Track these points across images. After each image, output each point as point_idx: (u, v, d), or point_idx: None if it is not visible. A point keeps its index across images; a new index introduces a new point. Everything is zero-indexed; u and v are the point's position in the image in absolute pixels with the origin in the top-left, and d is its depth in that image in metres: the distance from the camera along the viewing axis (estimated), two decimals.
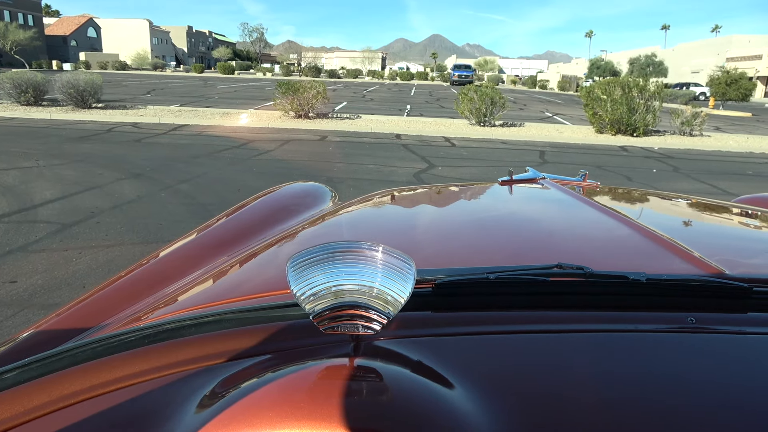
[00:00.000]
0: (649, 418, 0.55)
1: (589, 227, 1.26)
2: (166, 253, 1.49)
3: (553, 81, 54.49)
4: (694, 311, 0.73)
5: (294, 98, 13.08)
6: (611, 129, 12.55)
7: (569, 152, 10.43)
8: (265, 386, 0.55)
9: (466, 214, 1.58)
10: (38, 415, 0.58)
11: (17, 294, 3.28)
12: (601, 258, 1.02)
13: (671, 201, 1.82)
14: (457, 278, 0.75)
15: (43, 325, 1.08)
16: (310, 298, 0.58)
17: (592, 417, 0.55)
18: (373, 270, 0.58)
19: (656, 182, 7.66)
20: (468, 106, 13.35)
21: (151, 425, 0.55)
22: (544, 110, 21.08)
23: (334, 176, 7.15)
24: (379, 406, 0.53)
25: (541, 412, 0.55)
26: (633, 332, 0.70)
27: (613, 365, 0.64)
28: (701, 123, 13.08)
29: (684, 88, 38.03)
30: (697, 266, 0.90)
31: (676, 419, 0.55)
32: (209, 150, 8.92)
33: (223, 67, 52.31)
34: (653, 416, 0.55)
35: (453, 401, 0.54)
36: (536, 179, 1.79)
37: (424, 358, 0.62)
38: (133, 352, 0.65)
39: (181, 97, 20.01)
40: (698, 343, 0.69)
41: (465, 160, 9.04)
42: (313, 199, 1.98)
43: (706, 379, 0.62)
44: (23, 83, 13.86)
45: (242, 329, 0.68)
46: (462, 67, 48.27)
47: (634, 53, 58.11)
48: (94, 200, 5.53)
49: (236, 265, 1.23)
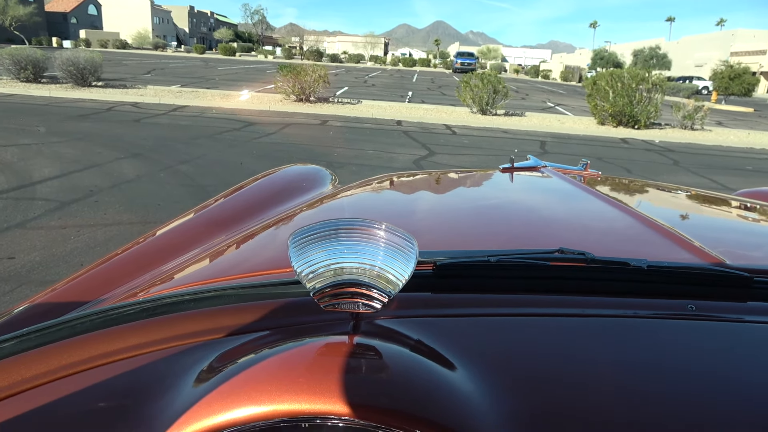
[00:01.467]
0: (647, 402, 0.55)
1: (591, 216, 1.26)
2: (164, 230, 1.48)
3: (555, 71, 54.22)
4: (694, 299, 0.73)
5: (295, 82, 12.99)
6: (613, 121, 12.51)
7: (570, 143, 10.40)
8: (264, 361, 0.55)
9: (466, 201, 1.58)
10: (36, 385, 0.58)
11: (15, 270, 3.28)
12: (602, 245, 1.02)
13: (672, 192, 1.82)
14: (458, 260, 0.75)
15: (39, 299, 1.08)
16: (311, 276, 0.58)
17: (590, 400, 0.55)
18: (375, 248, 0.58)
19: (656, 175, 7.65)
20: (470, 94, 13.27)
21: (149, 397, 0.55)
22: (546, 100, 20.99)
23: (334, 161, 7.12)
24: (377, 383, 0.53)
25: (541, 394, 0.56)
26: (633, 318, 0.70)
27: (613, 350, 0.64)
28: (703, 117, 13.04)
29: (687, 82, 37.89)
30: (697, 255, 0.90)
31: (674, 404, 0.55)
32: (209, 131, 8.87)
33: (225, 49, 51.87)
34: (651, 400, 0.55)
35: (453, 381, 0.54)
36: (537, 167, 1.79)
37: (424, 337, 0.62)
38: (131, 325, 0.65)
39: (182, 77, 19.87)
40: (698, 330, 0.69)
41: (465, 148, 9.01)
42: (312, 181, 1.98)
43: (705, 365, 0.62)
44: (22, 60, 13.73)
45: (242, 305, 0.68)
46: (465, 55, 47.98)
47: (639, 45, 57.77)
48: (92, 179, 5.51)
49: (235, 245, 1.23)
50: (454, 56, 51.20)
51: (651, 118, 12.52)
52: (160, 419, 0.52)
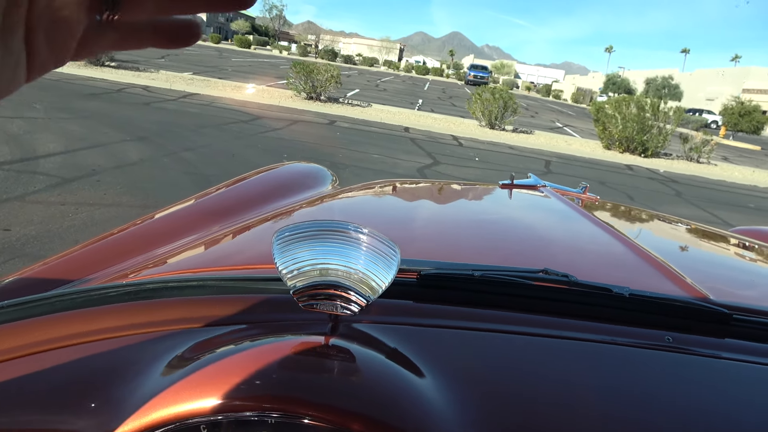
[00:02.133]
0: (616, 429, 0.55)
1: (583, 239, 1.27)
2: (160, 216, 1.49)
3: (567, 92, 54.36)
4: (672, 331, 0.73)
5: (307, 80, 13.02)
6: (619, 146, 12.53)
7: (574, 165, 10.42)
8: (238, 354, 0.56)
9: (462, 213, 1.58)
10: (7, 358, 0.58)
11: (9, 242, 3.29)
12: (589, 270, 1.02)
13: (668, 223, 1.82)
14: (443, 272, 0.76)
15: (27, 273, 1.08)
16: (293, 273, 0.59)
17: (558, 422, 0.56)
18: (357, 252, 0.58)
19: (657, 205, 7.65)
20: (480, 108, 13.30)
21: (120, 379, 0.55)
22: (555, 120, 21.03)
23: (338, 162, 7.13)
24: (347, 385, 0.53)
25: (508, 411, 0.56)
26: (610, 344, 0.70)
27: (587, 374, 0.64)
28: (710, 151, 13.05)
29: (697, 114, 37.98)
30: (682, 288, 0.90)
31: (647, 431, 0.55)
32: (217, 121, 8.89)
33: (240, 41, 52.00)
34: (620, 428, 0.55)
35: (421, 389, 0.55)
36: (537, 186, 1.80)
37: (400, 345, 0.62)
38: (112, 307, 0.65)
39: (195, 65, 19.92)
40: (673, 362, 0.69)
41: (470, 161, 9.03)
42: (313, 180, 1.98)
43: (676, 398, 0.62)
44: None
45: (222, 297, 0.68)
46: (478, 68, 48.15)
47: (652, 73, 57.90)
48: (96, 158, 5.52)
49: (227, 236, 1.23)
50: (468, 68, 51.38)
51: (659, 147, 12.54)
52: (128, 402, 0.52)
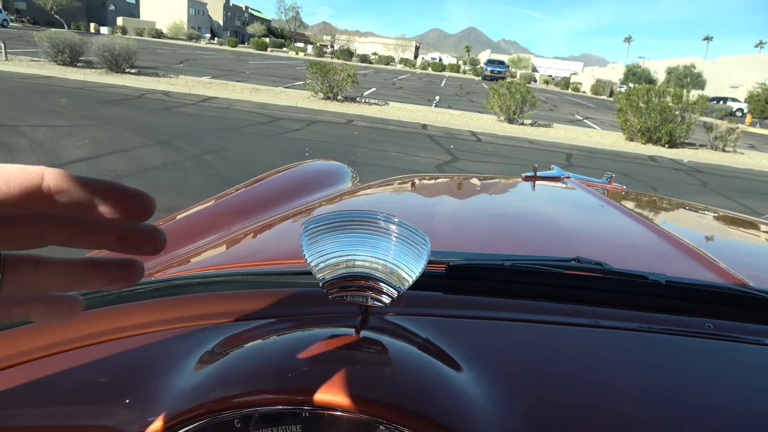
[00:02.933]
0: (659, 418, 0.53)
1: (612, 229, 1.24)
2: (183, 216, 1.50)
3: (586, 84, 53.60)
4: (712, 318, 0.71)
5: (324, 80, 13.07)
6: (642, 137, 12.32)
7: (596, 157, 10.27)
8: (269, 348, 0.55)
9: (485, 206, 1.56)
10: (40, 356, 0.58)
11: (39, 249, 3.35)
12: (621, 259, 1.00)
13: (699, 212, 1.78)
14: (472, 262, 0.74)
15: None
16: (322, 265, 0.58)
17: (600, 413, 0.54)
18: (387, 242, 0.57)
19: (682, 195, 7.50)
20: (498, 102, 13.19)
21: (153, 375, 0.55)
22: (574, 113, 20.76)
23: (357, 160, 7.14)
24: (381, 378, 0.52)
25: (548, 404, 0.54)
26: (648, 332, 0.68)
27: (625, 363, 0.62)
28: (736, 139, 12.75)
29: (721, 102, 37.15)
30: (720, 276, 0.87)
31: (686, 422, 0.53)
32: (236, 124, 8.97)
33: (257, 43, 52.40)
34: (663, 417, 0.54)
35: (458, 382, 0.53)
36: (561, 178, 1.76)
37: (432, 336, 0.61)
38: (141, 303, 0.65)
39: (213, 69, 20.13)
40: (715, 350, 0.67)
41: (490, 156, 8.96)
42: (333, 177, 1.98)
43: (720, 385, 0.60)
44: (60, 43, 14.06)
45: (251, 291, 0.68)
46: (495, 63, 47.71)
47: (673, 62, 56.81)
48: (119, 163, 5.61)
49: (251, 234, 1.23)
50: (484, 63, 50.95)
51: (683, 137, 12.30)
52: (162, 397, 0.52)
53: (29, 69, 13.09)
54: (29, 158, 5.35)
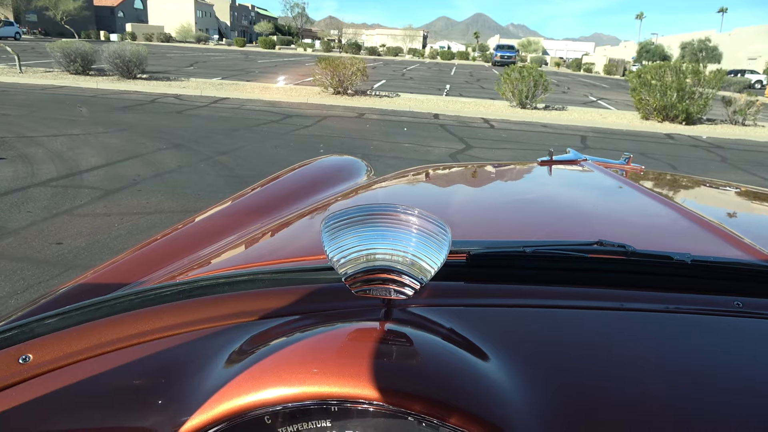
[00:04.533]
0: (692, 400, 0.53)
1: (633, 210, 1.22)
2: (202, 218, 1.51)
3: (599, 64, 52.81)
4: (741, 296, 0.70)
5: (333, 74, 13.05)
6: (657, 116, 12.11)
7: (612, 138, 10.13)
8: (295, 344, 0.55)
9: (503, 193, 1.55)
10: (76, 360, 0.60)
11: (62, 255, 3.42)
12: (645, 240, 0.99)
13: (721, 189, 1.75)
14: (492, 250, 0.74)
15: (82, 280, 1.12)
16: (343, 261, 0.58)
17: (631, 397, 0.53)
18: (408, 234, 0.57)
19: (703, 172, 7.38)
20: (509, 88, 13.06)
21: (183, 376, 0.56)
22: (588, 94, 20.48)
23: (370, 153, 7.13)
24: (408, 370, 0.53)
25: (579, 390, 0.54)
26: (675, 313, 0.67)
27: (654, 345, 0.62)
28: (756, 112, 12.47)
29: (739, 75, 36.32)
30: (745, 252, 0.86)
31: (720, 402, 0.52)
32: (248, 123, 9.02)
33: (265, 42, 52.48)
34: (697, 398, 0.53)
35: (486, 371, 0.53)
36: (578, 161, 1.74)
37: (457, 326, 0.61)
38: (167, 306, 0.66)
39: (223, 70, 20.24)
40: (745, 327, 0.66)
41: (503, 142, 8.89)
42: (348, 172, 1.98)
43: (753, 362, 0.59)
44: (72, 53, 14.24)
45: (274, 289, 0.68)
46: (505, 48, 47.17)
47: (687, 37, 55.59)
48: (136, 168, 5.68)
49: (270, 232, 1.24)
50: (494, 49, 50.43)
51: (700, 113, 12.06)
52: (193, 397, 0.53)
53: (43, 80, 13.29)
54: (49, 167, 5.44)
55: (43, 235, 3.71)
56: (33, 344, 0.62)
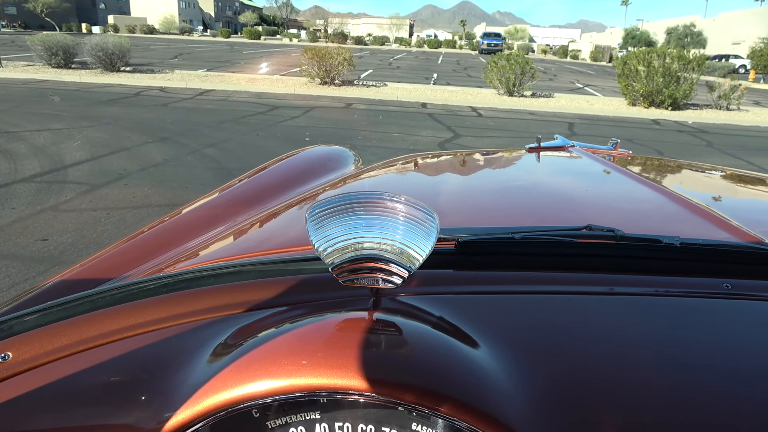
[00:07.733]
0: (682, 382, 0.52)
1: (622, 195, 1.22)
2: (188, 210, 1.49)
3: (585, 51, 52.88)
4: (730, 277, 0.70)
5: (320, 65, 12.95)
6: (644, 101, 12.17)
7: (599, 124, 10.17)
8: (282, 335, 0.54)
9: (492, 180, 1.55)
10: (57, 357, 0.58)
11: (48, 251, 3.37)
12: (633, 224, 0.98)
13: (707, 172, 1.76)
14: (482, 237, 0.73)
15: (67, 275, 1.10)
16: (330, 251, 0.57)
17: (622, 380, 0.53)
18: (395, 222, 0.56)
19: (689, 157, 7.43)
20: (497, 76, 13.04)
21: (167, 371, 0.55)
22: (574, 81, 20.52)
23: (358, 144, 7.10)
24: (397, 359, 0.52)
25: (570, 374, 0.54)
26: (665, 296, 0.67)
27: (643, 328, 0.61)
28: (740, 97, 12.57)
29: (723, 60, 36.59)
30: (733, 234, 0.86)
31: (710, 383, 0.52)
32: (235, 115, 8.93)
33: (250, 33, 51.92)
34: (687, 379, 0.53)
35: (477, 359, 0.53)
36: (565, 147, 1.74)
37: (446, 314, 0.61)
38: (151, 300, 0.65)
39: (208, 61, 20.00)
40: (735, 309, 0.66)
41: (491, 130, 8.90)
42: (336, 162, 1.96)
43: (743, 344, 0.59)
44: (53, 46, 13.98)
45: (260, 281, 0.67)
46: (491, 36, 47.06)
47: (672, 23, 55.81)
48: (122, 162, 5.61)
49: (257, 223, 1.23)
50: (480, 37, 50.33)
51: (686, 98, 12.14)
52: (178, 392, 0.51)
53: (24, 74, 13.05)
54: (32, 163, 5.36)
55: (28, 232, 3.66)
56: (12, 342, 0.60)
